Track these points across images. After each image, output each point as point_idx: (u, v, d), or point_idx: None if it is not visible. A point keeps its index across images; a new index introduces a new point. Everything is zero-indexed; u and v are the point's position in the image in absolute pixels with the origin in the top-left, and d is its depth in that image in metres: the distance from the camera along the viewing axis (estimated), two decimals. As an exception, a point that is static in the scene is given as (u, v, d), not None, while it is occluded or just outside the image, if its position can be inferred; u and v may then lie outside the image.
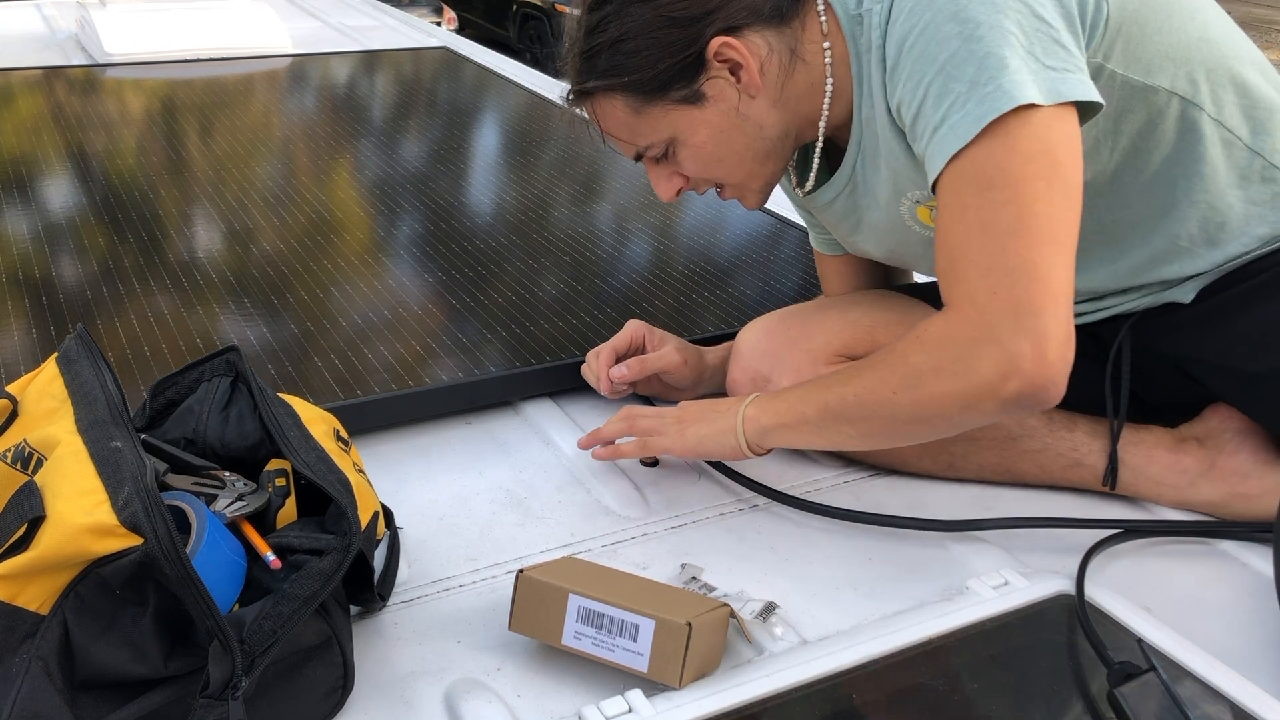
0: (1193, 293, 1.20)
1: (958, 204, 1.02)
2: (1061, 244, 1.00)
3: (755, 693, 0.93)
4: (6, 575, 0.79)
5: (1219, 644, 1.02)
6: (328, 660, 0.90)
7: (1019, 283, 0.98)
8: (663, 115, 1.14)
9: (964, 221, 1.01)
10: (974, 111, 0.99)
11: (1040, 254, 0.99)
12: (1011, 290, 0.98)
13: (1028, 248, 0.98)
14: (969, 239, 1.01)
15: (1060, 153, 1.00)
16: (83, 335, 1.02)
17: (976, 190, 1.00)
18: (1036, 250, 0.99)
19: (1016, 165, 0.99)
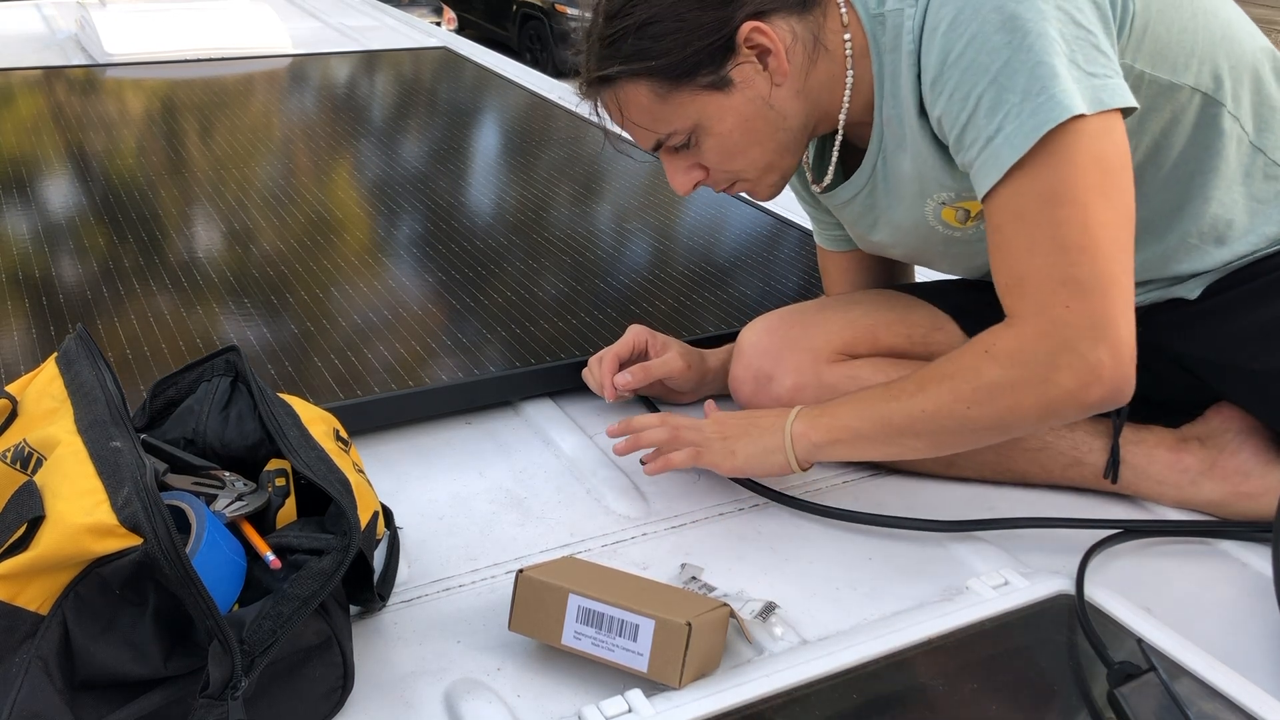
0: (1198, 289, 1.20)
1: (1020, 218, 1.03)
2: (1125, 251, 1.02)
3: (755, 693, 0.93)
4: (6, 575, 0.79)
5: (1219, 644, 1.02)
6: (328, 660, 0.90)
7: (1092, 295, 1.01)
8: (689, 101, 1.13)
9: (1029, 236, 1.03)
10: (1029, 122, 1.00)
11: (1109, 265, 1.01)
12: (1086, 303, 1.01)
13: (1096, 260, 1.01)
14: (1036, 254, 1.03)
15: (1113, 161, 1.02)
16: (82, 335, 1.02)
17: (1039, 205, 1.02)
18: (1105, 262, 1.01)
19: (1075, 177, 1.00)
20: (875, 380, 1.28)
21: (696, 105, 1.13)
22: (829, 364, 1.29)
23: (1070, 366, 1.02)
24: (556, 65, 11.78)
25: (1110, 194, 1.02)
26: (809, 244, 1.90)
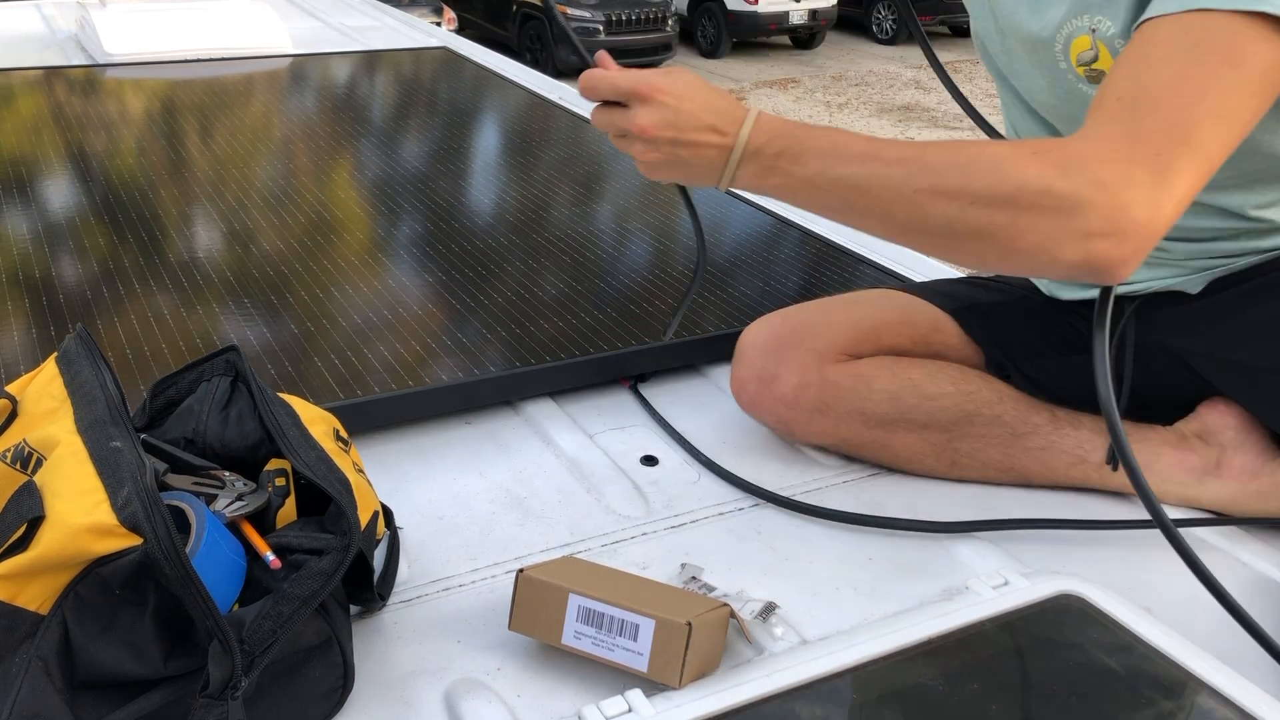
0: (1201, 284, 1.20)
1: (1184, 45, 0.92)
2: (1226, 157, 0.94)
3: (755, 693, 0.93)
4: (6, 575, 0.78)
5: (1219, 644, 1.02)
6: (327, 660, 0.90)
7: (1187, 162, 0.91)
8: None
9: (1184, 70, 0.92)
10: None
11: (1220, 152, 0.93)
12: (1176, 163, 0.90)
13: (1218, 140, 0.92)
14: (1178, 87, 0.91)
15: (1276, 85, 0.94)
16: (82, 335, 1.02)
17: (1217, 53, 0.92)
18: (1220, 147, 0.92)
19: (1259, 63, 0.92)
20: (880, 378, 1.27)
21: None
22: (833, 363, 1.29)
23: (1108, 205, 0.90)
24: (557, 65, 11.79)
25: (1260, 110, 0.93)
26: (809, 244, 1.90)
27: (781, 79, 12.60)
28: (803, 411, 1.29)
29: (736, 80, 12.47)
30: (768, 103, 11.49)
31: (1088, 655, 0.99)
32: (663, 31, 12.36)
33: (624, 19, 12.02)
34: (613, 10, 11.98)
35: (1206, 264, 1.19)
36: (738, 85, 12.23)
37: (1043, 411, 1.26)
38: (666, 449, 1.35)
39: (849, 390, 1.28)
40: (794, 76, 12.74)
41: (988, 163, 0.94)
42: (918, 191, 0.95)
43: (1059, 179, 0.91)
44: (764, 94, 11.88)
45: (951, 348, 1.35)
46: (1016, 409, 1.26)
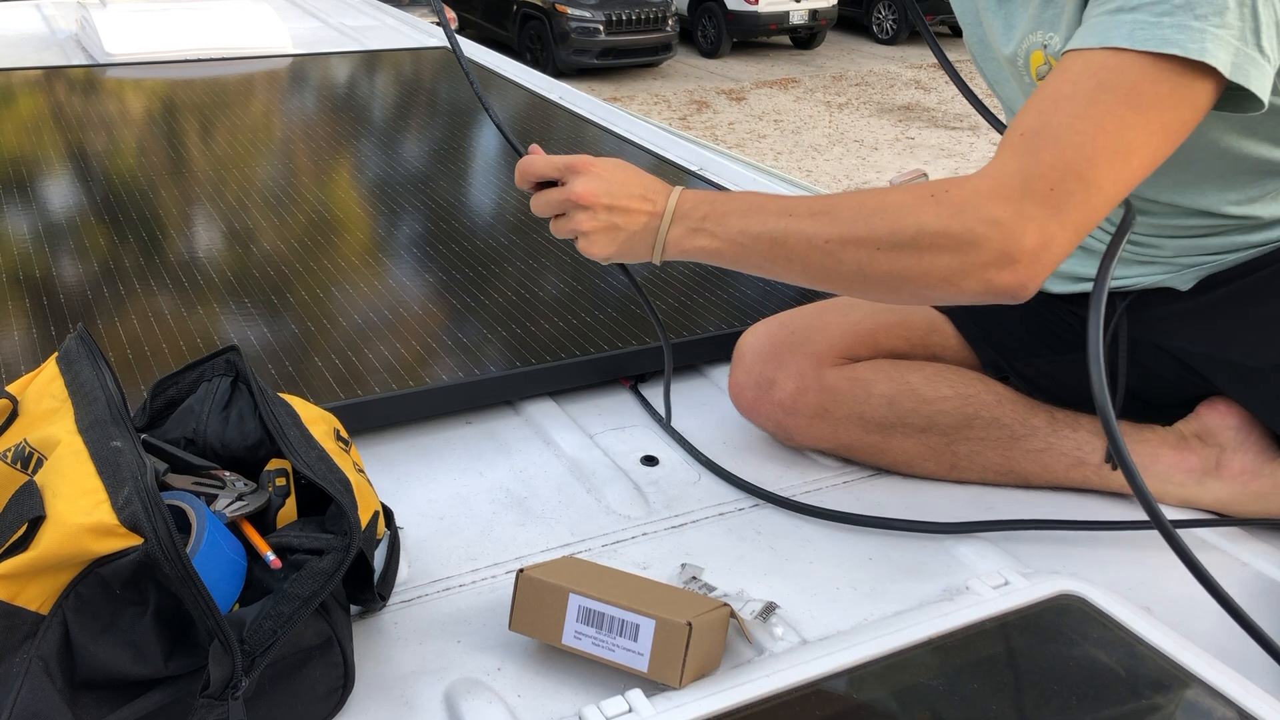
0: (1191, 281, 1.20)
1: (1089, 86, 0.97)
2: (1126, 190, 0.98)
3: (755, 693, 0.93)
4: (7, 575, 0.79)
5: (1219, 644, 1.02)
6: (328, 660, 0.90)
7: (1081, 199, 0.96)
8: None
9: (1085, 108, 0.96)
10: (1167, 34, 0.94)
11: (1116, 191, 0.97)
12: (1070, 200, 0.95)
13: (1115, 179, 0.96)
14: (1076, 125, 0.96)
15: (1189, 125, 0.97)
16: (83, 335, 1.02)
17: (1118, 95, 0.96)
18: (1115, 186, 0.96)
19: (1160, 103, 0.95)
20: (878, 383, 1.28)
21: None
22: (831, 368, 1.29)
23: (1004, 236, 0.95)
24: (557, 65, 11.79)
25: (1164, 140, 0.97)
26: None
27: (782, 79, 12.60)
28: (801, 416, 1.30)
29: (736, 80, 12.47)
30: (768, 102, 11.49)
31: (1088, 655, 0.99)
32: (663, 31, 12.35)
33: (624, 19, 12.02)
34: (613, 10, 11.98)
35: (1195, 261, 1.19)
36: (738, 85, 12.23)
37: (1041, 413, 1.26)
38: (666, 449, 1.35)
39: (847, 395, 1.28)
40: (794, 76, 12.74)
41: (890, 210, 1.00)
42: (829, 241, 1.01)
43: (952, 220, 0.97)
44: (764, 94, 11.88)
45: (949, 349, 1.35)
46: (1015, 411, 1.26)
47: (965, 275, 0.97)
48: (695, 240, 1.08)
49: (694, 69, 12.99)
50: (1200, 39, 0.94)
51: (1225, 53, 0.94)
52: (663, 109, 11.09)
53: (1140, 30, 0.95)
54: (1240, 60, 0.95)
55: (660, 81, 12.33)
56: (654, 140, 2.54)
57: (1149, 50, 0.95)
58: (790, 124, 10.75)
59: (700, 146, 2.58)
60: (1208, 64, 0.94)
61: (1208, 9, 0.94)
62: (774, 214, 1.04)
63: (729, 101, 11.56)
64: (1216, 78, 0.96)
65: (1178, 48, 0.94)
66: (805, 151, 9.82)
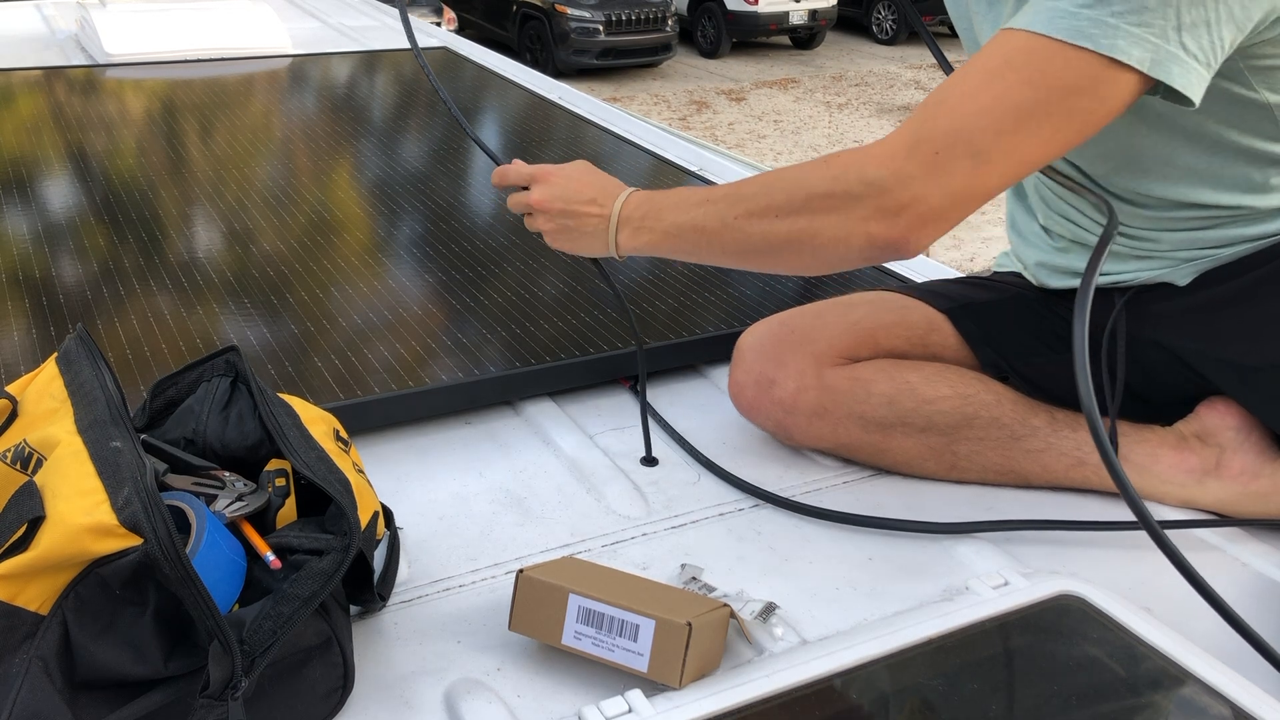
0: (1189, 276, 1.19)
1: (995, 62, 1.02)
2: (1022, 169, 1.02)
3: (755, 693, 0.93)
4: (6, 575, 0.79)
5: (1219, 644, 1.02)
6: (328, 660, 0.90)
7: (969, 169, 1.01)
8: None
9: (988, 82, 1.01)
10: (1080, 26, 0.98)
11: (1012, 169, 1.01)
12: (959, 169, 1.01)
13: (1009, 156, 1.01)
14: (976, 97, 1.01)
15: (1100, 115, 1.00)
16: (82, 335, 1.02)
17: (1022, 76, 1.00)
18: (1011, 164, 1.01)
19: (1065, 95, 0.99)
20: (878, 382, 1.28)
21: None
22: (830, 367, 1.29)
23: (879, 193, 1.02)
24: (556, 65, 11.79)
25: (1062, 132, 1.00)
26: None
27: (781, 79, 12.60)
28: (801, 416, 1.30)
29: (736, 80, 12.47)
30: (768, 103, 11.50)
31: (1087, 655, 0.99)
32: (662, 31, 12.35)
33: (624, 19, 12.01)
34: (612, 10, 11.97)
35: (1193, 255, 1.19)
36: (737, 85, 12.23)
37: (1041, 413, 1.26)
38: (666, 449, 1.35)
39: (847, 394, 1.28)
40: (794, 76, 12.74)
41: (787, 180, 1.08)
42: (737, 218, 1.10)
43: (836, 182, 1.05)
44: (764, 94, 11.89)
45: (948, 348, 1.35)
46: (1015, 411, 1.26)
47: (850, 232, 1.05)
48: (640, 238, 1.18)
49: (694, 69, 12.99)
50: (1113, 35, 0.97)
51: (1140, 49, 0.97)
52: (662, 109, 11.10)
53: (1059, 19, 0.99)
54: (1160, 57, 0.97)
55: (660, 82, 12.33)
56: (654, 140, 2.54)
57: (1061, 39, 0.99)
58: (790, 124, 10.76)
59: (700, 147, 2.58)
60: (1119, 59, 0.97)
61: (1124, 7, 0.97)
62: (696, 203, 1.13)
63: (729, 102, 11.56)
64: (1134, 73, 0.98)
65: (1088, 41, 0.98)
66: (805, 152, 9.82)
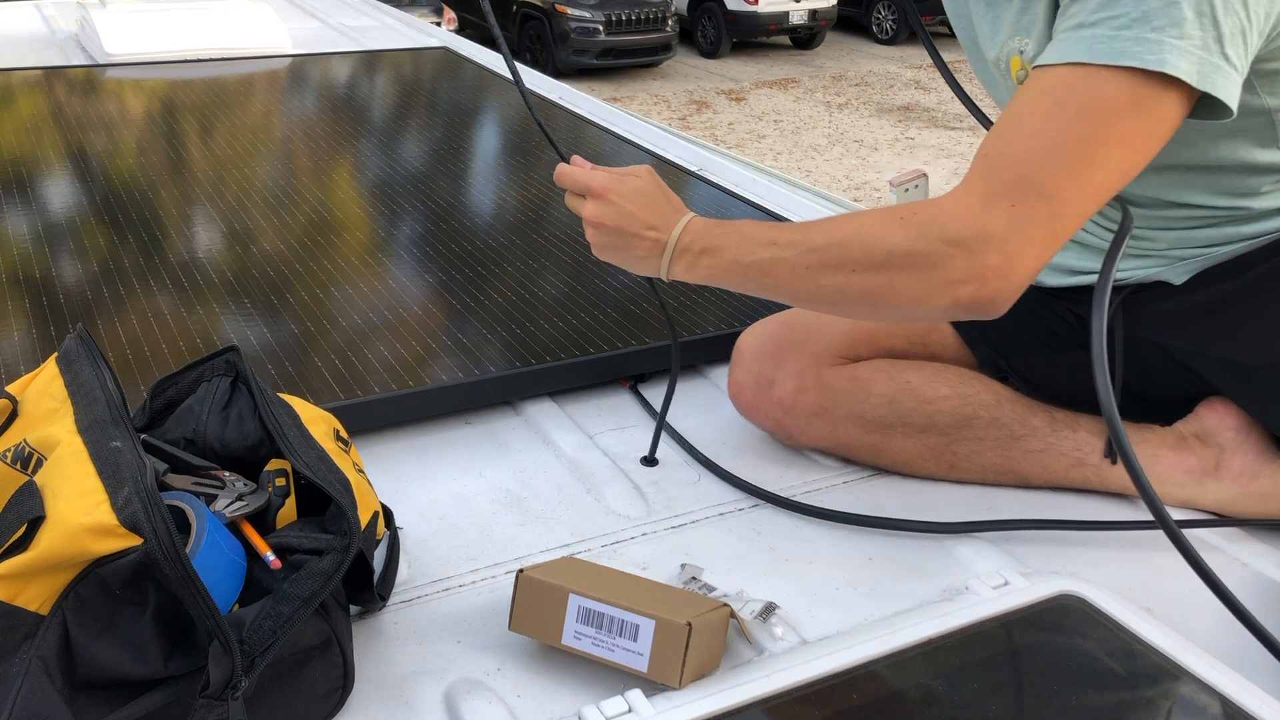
0: (1186, 274, 1.19)
1: (1051, 104, 1.00)
2: (1097, 203, 1.01)
3: (755, 693, 0.93)
4: (6, 575, 0.79)
5: (1219, 644, 1.02)
6: (328, 660, 0.90)
7: (1044, 212, 0.99)
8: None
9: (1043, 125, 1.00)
10: (1124, 46, 0.97)
11: (1082, 203, 1.00)
12: (1033, 213, 0.99)
13: (1076, 191, 0.99)
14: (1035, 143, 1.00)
15: (1156, 136, 1.00)
16: (82, 335, 1.02)
17: (1076, 110, 0.99)
18: (1080, 199, 1.00)
19: (1122, 119, 0.98)
20: (878, 382, 1.28)
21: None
22: (830, 367, 1.29)
23: (967, 254, 1.00)
24: (557, 65, 11.79)
25: (1130, 156, 1.00)
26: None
27: (781, 79, 12.60)
28: (800, 416, 1.30)
29: (736, 80, 12.47)
30: (768, 103, 11.50)
31: (1087, 655, 0.99)
32: (662, 31, 12.34)
33: (624, 19, 12.01)
34: (612, 10, 11.97)
35: (1189, 253, 1.19)
36: (737, 85, 12.23)
37: (1041, 413, 1.26)
38: (666, 449, 1.35)
39: (846, 394, 1.28)
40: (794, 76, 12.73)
41: (863, 234, 1.06)
42: (809, 268, 1.08)
43: (918, 240, 1.02)
44: (764, 94, 11.89)
45: (948, 347, 1.35)
46: (1015, 411, 1.26)
47: (933, 293, 1.03)
48: (695, 272, 1.16)
49: (694, 69, 12.99)
50: (1159, 50, 0.96)
51: (1187, 62, 0.96)
52: (662, 109, 11.10)
53: (1099, 44, 0.98)
54: (1205, 69, 0.97)
55: (660, 82, 12.33)
56: (654, 140, 2.54)
57: (1107, 63, 0.97)
58: (790, 124, 10.75)
59: (700, 147, 2.58)
60: (1169, 74, 0.95)
61: (1164, 20, 0.96)
62: (762, 244, 1.11)
63: (729, 102, 11.56)
64: (1183, 87, 0.97)
65: (1135, 59, 0.96)
66: (805, 152, 9.82)
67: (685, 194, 2.17)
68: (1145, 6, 0.96)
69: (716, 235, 1.15)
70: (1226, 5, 0.96)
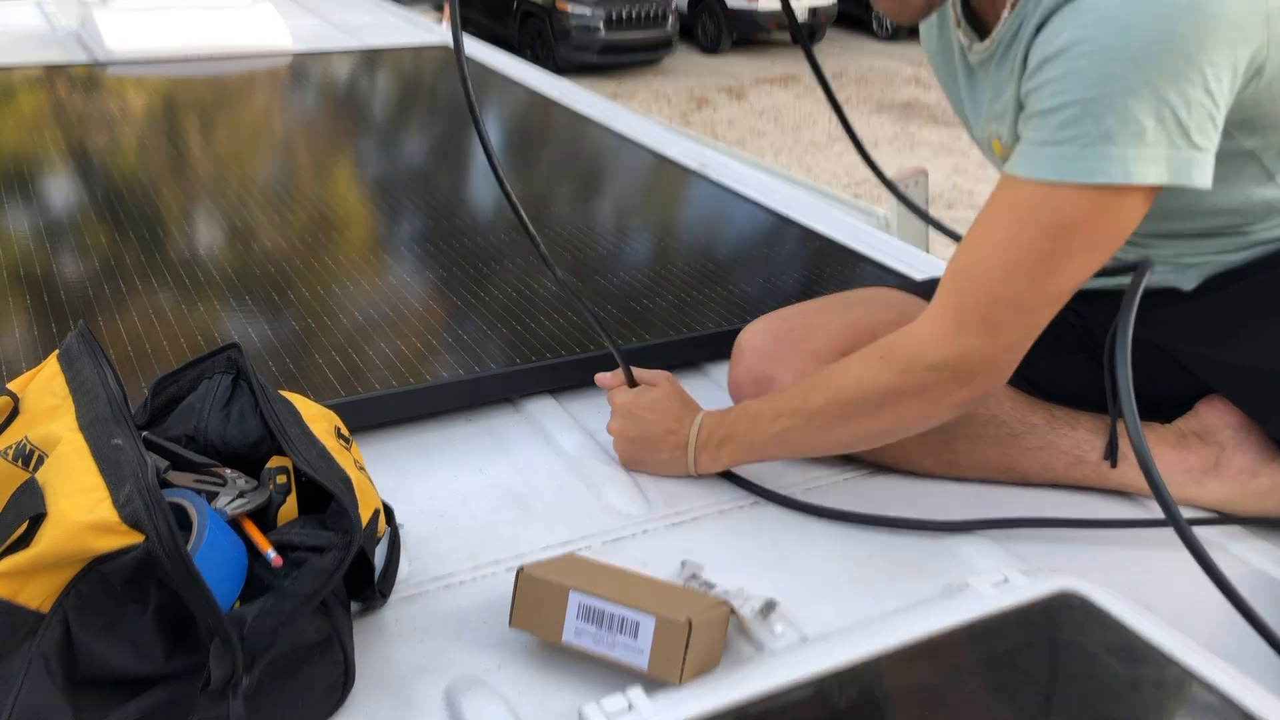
0: (1195, 280, 1.20)
1: (1015, 221, 1.05)
2: (1068, 295, 1.07)
3: (755, 689, 0.93)
4: (7, 573, 0.79)
5: (1219, 643, 1.02)
6: (329, 658, 0.90)
7: (1018, 322, 1.07)
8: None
9: (1010, 242, 1.05)
10: (1091, 165, 1.00)
11: (1045, 301, 1.07)
12: (1007, 326, 1.07)
13: (1042, 297, 1.06)
14: (1002, 260, 1.06)
15: (1122, 233, 1.04)
16: (84, 332, 1.02)
17: (1041, 227, 1.03)
18: (1044, 298, 1.06)
19: (1088, 230, 1.03)
20: None
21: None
22: (831, 363, 1.29)
23: (951, 372, 1.09)
24: (557, 62, 11.78)
25: (1094, 257, 1.05)
26: (809, 242, 1.90)
27: (781, 76, 12.59)
28: (800, 415, 1.30)
29: (736, 77, 12.46)
30: (768, 99, 11.48)
31: (1088, 653, 0.99)
32: (663, 29, 12.33)
33: (624, 16, 11.99)
34: (613, 7, 11.96)
35: (1197, 260, 1.19)
36: (738, 82, 12.23)
37: (1040, 411, 1.26)
38: (667, 447, 1.35)
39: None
40: (794, 73, 12.72)
41: (853, 385, 1.15)
42: (820, 428, 1.18)
43: (905, 376, 1.12)
44: (764, 91, 11.88)
45: None
46: (1014, 409, 1.26)
47: (936, 409, 1.13)
48: (720, 462, 1.25)
49: (694, 66, 12.98)
50: (1124, 164, 0.99)
51: (1156, 167, 0.99)
52: (663, 106, 11.09)
53: (1066, 164, 1.01)
54: (1175, 164, 0.99)
55: (660, 79, 12.32)
56: (654, 138, 2.54)
57: (1075, 182, 1.01)
58: (790, 121, 10.75)
59: (700, 144, 2.58)
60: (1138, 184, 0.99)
61: (1126, 136, 0.98)
62: (768, 419, 1.21)
63: (729, 98, 11.55)
64: (1150, 186, 1.01)
65: (1104, 176, 1.00)
66: (805, 148, 9.82)
67: (686, 192, 2.17)
68: (1105, 126, 0.99)
69: (728, 423, 1.24)
70: (1188, 103, 0.98)
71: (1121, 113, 0.97)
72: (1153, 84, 0.96)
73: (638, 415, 1.26)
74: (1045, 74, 1.02)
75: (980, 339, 1.08)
